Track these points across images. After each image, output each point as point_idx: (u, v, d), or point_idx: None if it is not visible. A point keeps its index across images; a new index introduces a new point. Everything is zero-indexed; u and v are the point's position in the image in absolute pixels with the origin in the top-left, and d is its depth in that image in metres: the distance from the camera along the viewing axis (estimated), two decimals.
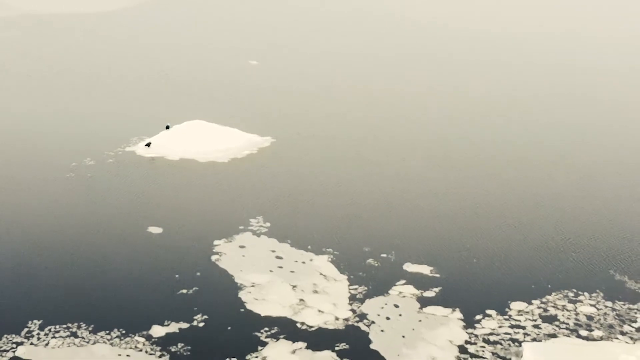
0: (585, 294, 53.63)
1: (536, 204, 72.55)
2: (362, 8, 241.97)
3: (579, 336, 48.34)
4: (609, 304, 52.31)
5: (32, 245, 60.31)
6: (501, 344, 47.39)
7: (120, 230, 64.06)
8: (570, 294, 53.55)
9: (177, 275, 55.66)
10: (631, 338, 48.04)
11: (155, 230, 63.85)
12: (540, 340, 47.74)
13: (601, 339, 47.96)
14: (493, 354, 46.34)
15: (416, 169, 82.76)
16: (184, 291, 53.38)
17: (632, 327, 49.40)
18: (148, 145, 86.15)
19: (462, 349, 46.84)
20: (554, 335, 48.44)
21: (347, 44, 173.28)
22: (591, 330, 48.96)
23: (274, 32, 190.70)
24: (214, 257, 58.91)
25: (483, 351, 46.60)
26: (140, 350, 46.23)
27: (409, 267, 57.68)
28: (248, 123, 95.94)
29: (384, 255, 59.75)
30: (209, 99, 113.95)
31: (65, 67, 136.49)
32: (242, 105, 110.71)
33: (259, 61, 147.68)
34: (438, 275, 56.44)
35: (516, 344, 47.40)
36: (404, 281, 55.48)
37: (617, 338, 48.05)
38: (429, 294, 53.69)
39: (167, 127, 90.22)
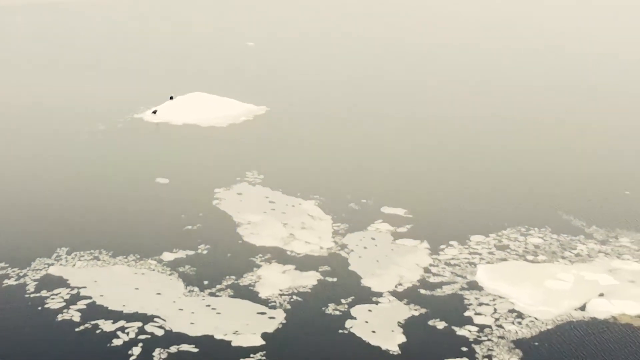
0: (535, 229, 62.15)
1: (498, 158, 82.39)
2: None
3: (525, 260, 56.83)
4: (554, 236, 60.83)
5: (58, 190, 69.34)
6: (459, 266, 55.78)
7: (131, 180, 72.57)
8: (522, 229, 62.07)
9: (182, 215, 63.95)
10: (570, 261, 56.51)
11: (162, 180, 72.22)
12: (493, 263, 56.21)
13: (544, 262, 56.45)
14: (452, 273, 54.73)
15: (394, 130, 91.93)
16: (189, 227, 61.68)
17: (572, 253, 57.89)
18: (154, 112, 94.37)
19: (426, 270, 55.20)
20: (504, 260, 56.91)
21: (343, 29, 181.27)
22: (537, 256, 57.45)
23: (271, 17, 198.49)
24: (214, 202, 67.26)
25: (444, 271, 54.99)
26: (153, 270, 54.48)
27: (386, 210, 66.05)
28: (245, 94, 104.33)
29: (364, 200, 68.17)
30: (209, 74, 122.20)
31: (73, 48, 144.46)
32: (239, 79, 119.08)
33: (256, 42, 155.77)
34: (411, 216, 64.83)
35: (472, 265, 55.81)
36: (380, 220, 63.87)
37: (557, 261, 56.54)
38: (402, 230, 62.09)
39: (171, 98, 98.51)
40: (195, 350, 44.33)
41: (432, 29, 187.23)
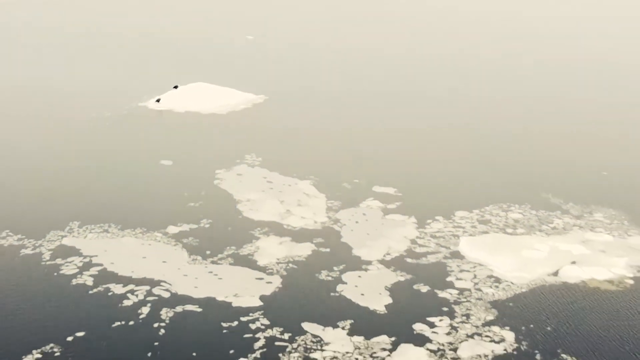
0: (516, 205, 66.56)
1: (483, 142, 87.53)
2: None
3: (505, 233, 61.15)
4: (533, 212, 65.20)
5: (69, 170, 73.55)
6: (444, 238, 60.05)
7: (137, 162, 76.79)
8: (504, 205, 66.49)
9: (186, 193, 68.11)
10: (546, 234, 60.83)
11: (166, 162, 76.44)
12: (475, 235, 60.45)
13: (522, 234, 60.70)
14: (436, 244, 58.97)
15: (386, 116, 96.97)
16: (192, 204, 65.83)
17: (549, 226, 62.23)
18: (158, 101, 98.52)
19: (412, 242, 59.45)
20: (486, 232, 61.20)
21: (340, 25, 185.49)
22: (516, 229, 61.75)
23: (269, 12, 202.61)
24: (215, 181, 71.45)
25: (429, 242, 59.25)
26: (159, 242, 58.58)
27: (377, 189, 70.29)
28: (244, 84, 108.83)
29: (357, 180, 72.45)
30: (210, 66, 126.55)
31: (79, 38, 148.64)
32: (239, 70, 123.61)
33: (255, 36, 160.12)
34: (400, 194, 69.09)
35: (455, 237, 60.08)
36: (372, 198, 68.13)
37: (535, 234, 60.83)
38: (391, 206, 66.32)
39: (175, 87, 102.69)
40: (199, 310, 48.43)
41: (428, 29, 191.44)
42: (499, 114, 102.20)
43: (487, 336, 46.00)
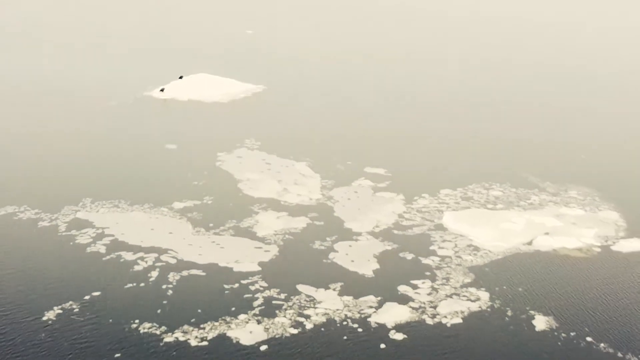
0: (497, 184, 71.56)
1: (468, 127, 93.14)
2: None
3: (486, 208, 66.05)
4: (513, 190, 70.16)
5: (80, 152, 78.26)
6: (429, 213, 64.92)
7: (143, 146, 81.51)
8: (486, 184, 71.48)
9: (189, 173, 72.89)
10: (523, 209, 65.76)
11: (171, 146, 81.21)
12: (457, 210, 65.32)
13: (502, 209, 65.61)
14: (422, 218, 63.82)
15: (378, 104, 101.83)
16: (196, 183, 70.62)
17: (526, 202, 67.21)
18: (162, 90, 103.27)
19: (400, 216, 64.31)
20: (468, 208, 66.08)
21: (338, 21, 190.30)
22: (496, 204, 66.67)
23: (268, 11, 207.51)
24: (217, 163, 76.28)
25: (415, 216, 64.12)
26: (165, 216, 63.34)
27: (368, 170, 75.19)
28: (244, 75, 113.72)
29: (349, 162, 77.36)
30: (212, 58, 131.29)
31: (84, 34, 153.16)
32: (239, 62, 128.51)
33: (254, 31, 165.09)
34: (390, 175, 74.00)
35: (440, 212, 64.94)
36: (363, 178, 73.02)
37: (513, 209, 65.74)
38: (381, 185, 71.20)
39: (180, 77, 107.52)
40: (203, 274, 53.20)
41: (421, 29, 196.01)
42: (486, 104, 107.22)
43: (464, 296, 50.83)
